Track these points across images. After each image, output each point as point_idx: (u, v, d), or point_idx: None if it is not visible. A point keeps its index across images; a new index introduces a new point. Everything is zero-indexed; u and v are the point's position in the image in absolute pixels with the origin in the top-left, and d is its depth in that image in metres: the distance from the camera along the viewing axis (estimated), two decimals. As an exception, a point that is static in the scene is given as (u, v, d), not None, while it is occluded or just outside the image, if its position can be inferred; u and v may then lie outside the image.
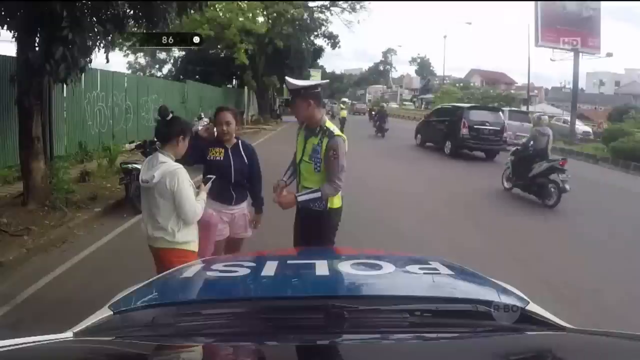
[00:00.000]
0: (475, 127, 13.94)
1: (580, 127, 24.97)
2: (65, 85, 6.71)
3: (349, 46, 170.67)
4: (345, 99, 44.00)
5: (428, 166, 12.74)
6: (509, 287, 1.57)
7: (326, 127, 2.93)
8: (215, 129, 3.16)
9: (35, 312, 3.36)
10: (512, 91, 37.14)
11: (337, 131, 2.95)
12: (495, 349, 1.20)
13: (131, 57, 31.52)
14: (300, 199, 2.93)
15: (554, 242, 6.05)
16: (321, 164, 2.91)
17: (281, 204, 2.98)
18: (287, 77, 3.19)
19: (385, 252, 2.20)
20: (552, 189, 7.76)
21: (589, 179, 11.79)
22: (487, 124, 14.11)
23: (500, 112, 15.84)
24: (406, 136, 18.96)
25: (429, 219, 6.82)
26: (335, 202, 3.00)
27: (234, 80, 30.68)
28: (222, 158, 3.12)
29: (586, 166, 15.55)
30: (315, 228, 3.00)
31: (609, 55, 25.97)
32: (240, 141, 3.25)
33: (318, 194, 2.89)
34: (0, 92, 7.08)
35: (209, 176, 2.90)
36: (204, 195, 2.72)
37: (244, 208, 3.30)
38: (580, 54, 23.65)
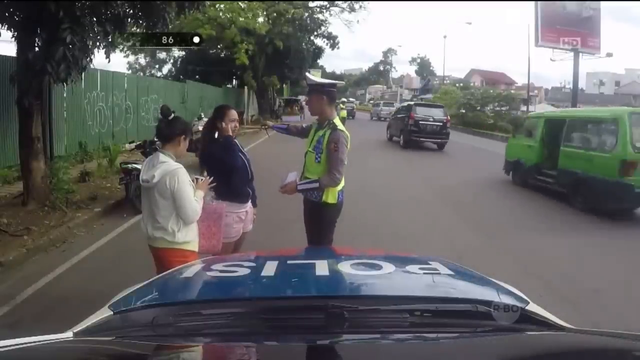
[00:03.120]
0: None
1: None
2: (65, 85, 6.70)
3: (348, 46, 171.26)
4: (345, 99, 44.16)
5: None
6: (509, 287, 1.56)
7: (333, 122, 3.13)
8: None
9: (35, 312, 3.35)
10: (512, 91, 37.05)
11: (341, 127, 3.13)
12: (495, 349, 1.20)
13: (131, 57, 31.62)
14: (300, 187, 3.15)
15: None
16: (322, 155, 3.09)
17: (285, 190, 3.20)
18: (306, 74, 3.53)
19: (385, 252, 2.20)
20: None
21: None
22: (353, 107, 37.36)
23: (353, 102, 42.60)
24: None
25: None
26: (330, 197, 3.12)
27: (234, 80, 30.67)
28: (237, 155, 3.15)
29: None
30: (313, 219, 3.20)
31: (609, 55, 25.96)
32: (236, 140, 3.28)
33: (316, 184, 3.07)
34: (0, 92, 7.08)
35: (196, 177, 2.89)
36: (200, 193, 2.72)
37: (250, 203, 3.36)
38: (580, 54, 23.66)
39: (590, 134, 7.78)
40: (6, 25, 5.42)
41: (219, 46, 25.09)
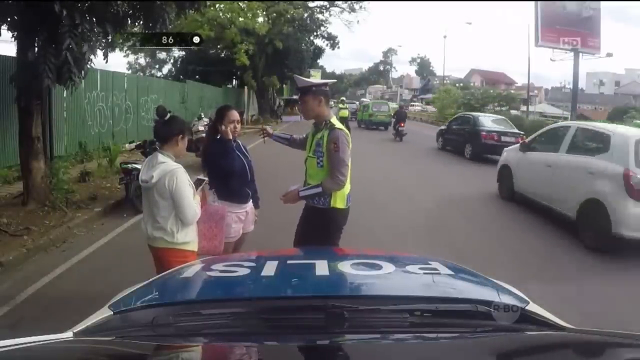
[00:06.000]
0: None
1: None
2: (64, 86, 6.70)
3: (348, 46, 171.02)
4: (344, 98, 44.21)
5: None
6: (509, 287, 1.57)
7: (330, 122, 2.95)
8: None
9: (35, 313, 3.35)
10: (512, 91, 37.07)
11: (339, 125, 2.96)
12: (495, 349, 1.20)
13: (131, 57, 31.60)
14: (302, 194, 2.94)
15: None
16: (323, 158, 2.89)
17: (287, 199, 3.01)
18: (295, 76, 3.25)
19: (386, 252, 2.20)
20: None
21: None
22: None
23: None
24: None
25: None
26: (339, 202, 2.93)
27: (234, 80, 30.70)
28: (235, 158, 3.14)
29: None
30: (318, 227, 2.97)
31: (609, 55, 25.93)
32: (238, 140, 3.29)
33: (319, 189, 2.87)
34: (0, 92, 7.08)
35: (200, 178, 2.89)
36: (197, 197, 2.72)
37: (250, 204, 3.35)
38: (580, 54, 23.63)
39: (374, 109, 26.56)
40: (6, 26, 5.42)
41: (218, 46, 25.11)
